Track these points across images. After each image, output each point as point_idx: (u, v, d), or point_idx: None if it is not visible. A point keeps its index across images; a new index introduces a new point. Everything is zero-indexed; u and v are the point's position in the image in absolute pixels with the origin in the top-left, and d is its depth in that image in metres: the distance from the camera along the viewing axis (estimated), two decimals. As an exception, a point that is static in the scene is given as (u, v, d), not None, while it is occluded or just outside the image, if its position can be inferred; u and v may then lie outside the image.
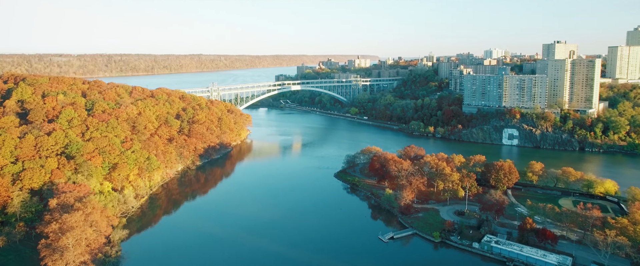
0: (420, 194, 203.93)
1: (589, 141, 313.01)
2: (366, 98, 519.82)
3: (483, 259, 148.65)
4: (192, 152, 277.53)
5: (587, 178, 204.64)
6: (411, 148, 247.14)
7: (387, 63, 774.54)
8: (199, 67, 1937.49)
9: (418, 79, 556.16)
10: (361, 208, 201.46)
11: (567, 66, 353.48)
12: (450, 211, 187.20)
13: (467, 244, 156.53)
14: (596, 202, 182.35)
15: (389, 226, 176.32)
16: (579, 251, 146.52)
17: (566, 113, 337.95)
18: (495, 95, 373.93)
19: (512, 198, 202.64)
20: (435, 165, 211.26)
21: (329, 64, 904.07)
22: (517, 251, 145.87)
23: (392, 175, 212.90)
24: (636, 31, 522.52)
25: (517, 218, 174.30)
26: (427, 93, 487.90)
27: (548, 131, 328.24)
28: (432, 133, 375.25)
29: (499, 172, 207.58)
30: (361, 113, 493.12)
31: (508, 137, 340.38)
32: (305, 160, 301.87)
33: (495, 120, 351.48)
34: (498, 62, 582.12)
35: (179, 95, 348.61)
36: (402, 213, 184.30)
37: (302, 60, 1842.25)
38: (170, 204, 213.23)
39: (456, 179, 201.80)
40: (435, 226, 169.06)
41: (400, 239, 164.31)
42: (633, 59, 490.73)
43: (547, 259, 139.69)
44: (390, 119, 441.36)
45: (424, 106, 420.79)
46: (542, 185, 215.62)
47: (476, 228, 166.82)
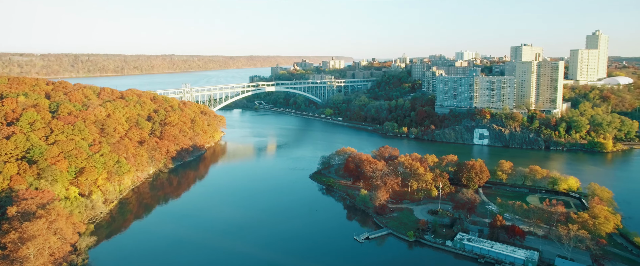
0: (394, 194, 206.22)
1: (554, 140, 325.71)
2: (341, 99, 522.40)
3: (456, 257, 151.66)
4: (164, 154, 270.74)
5: (552, 176, 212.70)
6: (385, 149, 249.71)
7: (361, 64, 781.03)
8: (171, 68, 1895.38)
9: (392, 80, 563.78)
10: (336, 209, 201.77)
11: (534, 68, 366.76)
12: (424, 211, 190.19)
13: (441, 242, 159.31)
14: (560, 198, 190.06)
15: (364, 227, 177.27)
16: (545, 245, 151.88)
17: (533, 114, 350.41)
18: (467, 96, 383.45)
19: (483, 196, 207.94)
20: (409, 165, 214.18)
21: (304, 65, 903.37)
22: (488, 248, 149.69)
23: (367, 175, 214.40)
24: (594, 36, 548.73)
25: (488, 215, 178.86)
26: (401, 94, 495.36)
27: (516, 131, 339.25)
28: (406, 134, 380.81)
29: (470, 171, 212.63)
30: (336, 114, 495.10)
31: (479, 136, 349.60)
32: (280, 161, 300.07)
33: (466, 121, 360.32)
34: (469, 63, 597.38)
35: (151, 97, 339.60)
36: (377, 213, 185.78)
37: (277, 61, 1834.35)
38: (142, 208, 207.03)
39: (430, 179, 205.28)
40: (409, 226, 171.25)
41: (376, 239, 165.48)
42: (592, 62, 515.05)
43: (515, 255, 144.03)
44: (365, 120, 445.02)
45: (397, 107, 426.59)
46: (511, 183, 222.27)
47: (449, 227, 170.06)
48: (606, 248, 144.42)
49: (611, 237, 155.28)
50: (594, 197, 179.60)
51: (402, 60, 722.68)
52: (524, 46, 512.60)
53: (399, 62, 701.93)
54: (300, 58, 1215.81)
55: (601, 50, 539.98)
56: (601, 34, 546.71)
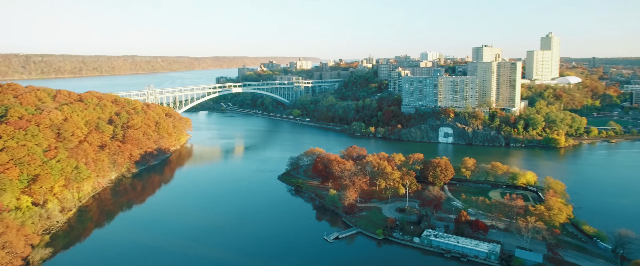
0: (363, 193, 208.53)
1: (513, 137, 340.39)
2: (308, 100, 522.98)
3: (423, 253, 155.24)
4: (127, 158, 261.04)
5: (512, 171, 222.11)
6: (353, 149, 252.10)
7: (329, 65, 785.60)
8: (134, 69, 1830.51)
9: (359, 81, 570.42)
10: (306, 210, 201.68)
11: (494, 68, 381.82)
12: (392, 209, 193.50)
13: (409, 239, 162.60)
14: (519, 192, 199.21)
15: (333, 227, 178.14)
16: (506, 238, 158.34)
17: (494, 112, 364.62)
18: (432, 96, 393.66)
19: (449, 193, 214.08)
20: (377, 165, 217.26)
21: (271, 65, 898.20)
22: (453, 243, 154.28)
23: (335, 175, 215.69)
24: (547, 37, 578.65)
25: (453, 211, 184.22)
26: (368, 95, 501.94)
27: (479, 129, 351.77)
28: (373, 134, 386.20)
29: (436, 168, 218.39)
30: (304, 115, 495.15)
31: (443, 135, 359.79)
32: (249, 163, 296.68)
33: (431, 120, 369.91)
34: (433, 64, 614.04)
35: (112, 99, 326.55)
36: (346, 212, 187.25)
37: (243, 62, 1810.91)
38: (103, 216, 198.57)
39: (397, 177, 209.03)
40: (378, 224, 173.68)
41: (345, 238, 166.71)
42: (546, 62, 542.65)
43: (479, 248, 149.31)
44: (333, 120, 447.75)
45: (365, 107, 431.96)
46: (475, 179, 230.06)
47: (416, 224, 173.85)
48: (560, 237, 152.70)
49: (564, 227, 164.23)
50: (549, 190, 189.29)
51: (369, 60, 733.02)
52: (485, 47, 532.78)
53: (365, 62, 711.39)
54: (267, 59, 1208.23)
55: (554, 51, 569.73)
56: (553, 36, 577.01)
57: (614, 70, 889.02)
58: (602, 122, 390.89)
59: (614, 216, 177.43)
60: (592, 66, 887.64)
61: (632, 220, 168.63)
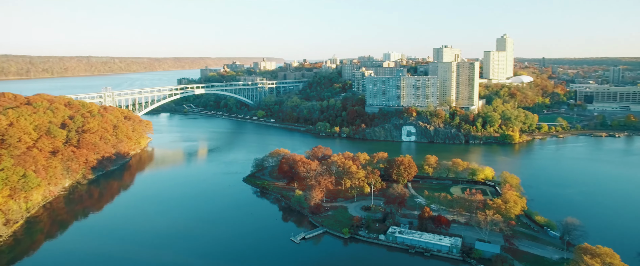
0: (329, 193, 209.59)
1: (472, 134, 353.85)
2: (273, 101, 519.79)
3: (389, 249, 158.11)
4: (82, 164, 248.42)
5: (472, 167, 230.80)
6: (318, 149, 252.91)
7: (293, 65, 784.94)
8: (89, 71, 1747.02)
9: (323, 81, 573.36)
10: (272, 211, 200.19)
11: (454, 68, 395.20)
12: (358, 207, 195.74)
13: (374, 237, 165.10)
14: (479, 187, 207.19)
15: (300, 227, 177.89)
16: (466, 232, 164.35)
17: (454, 111, 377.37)
18: (394, 95, 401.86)
19: (412, 190, 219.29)
20: (342, 164, 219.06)
21: (234, 66, 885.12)
22: (417, 238, 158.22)
23: (301, 176, 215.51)
24: (502, 39, 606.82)
25: (417, 208, 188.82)
26: (332, 95, 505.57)
27: (440, 127, 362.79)
28: (338, 133, 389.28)
29: (399, 166, 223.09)
30: (268, 115, 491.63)
31: (406, 133, 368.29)
32: (213, 165, 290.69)
33: (395, 119, 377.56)
34: (396, 64, 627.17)
35: (65, 102, 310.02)
36: (313, 212, 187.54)
37: (206, 63, 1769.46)
38: (55, 226, 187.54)
39: (362, 176, 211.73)
40: (344, 223, 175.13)
41: (312, 238, 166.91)
42: (502, 63, 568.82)
43: (442, 242, 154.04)
44: (297, 121, 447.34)
45: (329, 107, 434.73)
46: (437, 176, 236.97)
47: (382, 221, 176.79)
48: (515, 228, 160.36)
49: (519, 218, 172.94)
50: (506, 184, 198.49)
51: (333, 61, 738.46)
52: (445, 48, 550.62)
53: (329, 63, 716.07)
54: (230, 59, 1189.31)
55: (508, 52, 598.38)
56: (508, 38, 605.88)
57: (561, 69, 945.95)
58: (551, 118, 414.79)
59: (562, 206, 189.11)
60: (542, 66, 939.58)
61: (576, 209, 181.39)
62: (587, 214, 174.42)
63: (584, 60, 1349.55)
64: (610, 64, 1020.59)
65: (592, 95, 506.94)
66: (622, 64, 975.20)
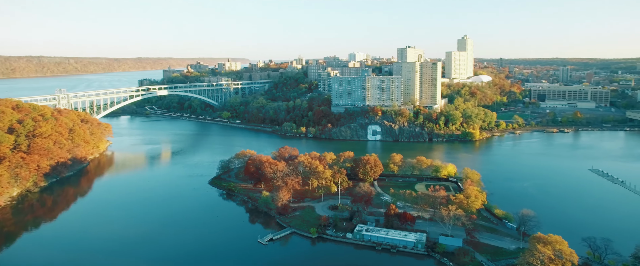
0: (296, 193, 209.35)
1: (435, 132, 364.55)
2: (238, 102, 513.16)
3: (356, 247, 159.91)
4: (33, 171, 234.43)
5: (435, 164, 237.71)
6: (285, 149, 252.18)
7: (258, 66, 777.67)
8: (40, 71, 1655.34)
9: (289, 81, 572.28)
10: (239, 213, 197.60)
11: (417, 68, 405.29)
12: (325, 207, 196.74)
13: (342, 235, 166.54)
14: (442, 184, 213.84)
15: (267, 229, 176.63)
16: (431, 227, 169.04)
17: (417, 109, 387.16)
18: (360, 95, 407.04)
19: (378, 188, 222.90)
20: (308, 164, 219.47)
21: (198, 67, 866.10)
22: (384, 235, 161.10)
23: (267, 177, 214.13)
24: (463, 40, 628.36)
25: (383, 205, 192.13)
26: (298, 95, 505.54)
27: (404, 126, 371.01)
28: (304, 134, 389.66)
29: (366, 165, 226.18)
30: (234, 117, 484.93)
31: (372, 133, 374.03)
32: (177, 168, 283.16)
33: (360, 118, 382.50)
34: (361, 64, 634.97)
35: (12, 105, 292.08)
36: (280, 213, 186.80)
37: (169, 64, 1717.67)
38: (1, 239, 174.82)
39: (329, 176, 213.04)
40: (311, 223, 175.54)
41: (280, 239, 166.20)
42: (462, 63, 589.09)
43: (407, 239, 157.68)
44: (263, 122, 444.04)
45: (295, 107, 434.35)
46: (402, 174, 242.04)
47: (349, 220, 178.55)
48: (476, 222, 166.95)
49: (479, 212, 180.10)
50: (467, 179, 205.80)
51: (299, 61, 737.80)
52: (409, 48, 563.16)
53: (295, 63, 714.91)
54: (194, 60, 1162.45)
55: (468, 52, 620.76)
56: (468, 38, 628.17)
57: (517, 69, 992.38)
58: (509, 115, 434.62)
59: (518, 199, 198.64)
60: (499, 66, 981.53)
61: (531, 201, 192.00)
62: (540, 205, 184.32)
63: (537, 61, 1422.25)
64: (560, 64, 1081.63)
65: (545, 94, 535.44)
66: (570, 64, 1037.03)
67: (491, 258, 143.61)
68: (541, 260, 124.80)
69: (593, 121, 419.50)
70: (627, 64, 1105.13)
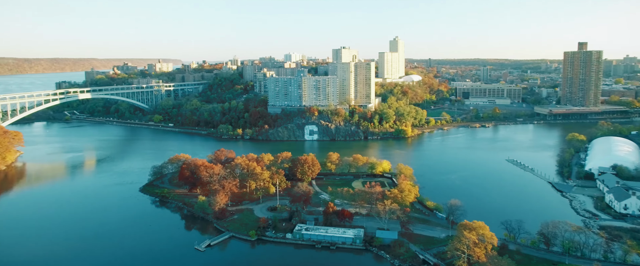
0: (234, 196, 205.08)
1: (370, 130, 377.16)
2: (171, 104, 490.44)
3: (296, 247, 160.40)
4: None
5: (371, 162, 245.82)
6: (221, 152, 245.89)
7: (191, 67, 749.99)
8: None
9: (224, 83, 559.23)
10: (174, 221, 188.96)
11: (352, 68, 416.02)
12: (264, 209, 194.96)
13: (282, 236, 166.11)
14: (378, 180, 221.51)
15: (204, 234, 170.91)
16: (368, 222, 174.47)
17: (353, 109, 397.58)
18: (296, 96, 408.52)
19: (317, 187, 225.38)
20: (246, 166, 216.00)
21: (126, 68, 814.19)
22: (323, 233, 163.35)
23: (203, 181, 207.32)
24: (394, 41, 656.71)
25: (321, 204, 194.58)
26: (234, 96, 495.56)
27: (340, 125, 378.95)
28: (241, 135, 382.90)
29: (303, 165, 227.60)
30: (166, 120, 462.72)
31: (309, 132, 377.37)
32: (103, 177, 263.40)
33: (297, 119, 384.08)
34: (297, 65, 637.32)
35: None
36: (217, 218, 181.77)
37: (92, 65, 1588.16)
38: None
39: (267, 177, 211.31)
40: (250, 226, 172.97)
41: (218, 244, 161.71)
42: (395, 63, 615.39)
43: (346, 235, 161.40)
44: (198, 124, 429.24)
45: (231, 109, 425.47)
46: (339, 172, 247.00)
47: (288, 220, 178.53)
48: (410, 214, 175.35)
49: (413, 205, 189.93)
50: (401, 174, 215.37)
51: (234, 62, 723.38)
52: (343, 49, 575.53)
53: (230, 64, 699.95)
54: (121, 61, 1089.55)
55: (400, 53, 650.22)
56: (399, 40, 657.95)
57: (444, 69, 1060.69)
58: (437, 113, 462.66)
59: (447, 190, 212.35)
60: (428, 66, 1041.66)
61: (458, 191, 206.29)
62: (466, 195, 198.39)
63: (462, 61, 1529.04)
64: (481, 64, 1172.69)
65: (469, 92, 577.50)
66: (489, 65, 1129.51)
67: (424, 248, 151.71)
68: (467, 245, 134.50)
69: (509, 116, 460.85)
70: (534, 64, 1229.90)
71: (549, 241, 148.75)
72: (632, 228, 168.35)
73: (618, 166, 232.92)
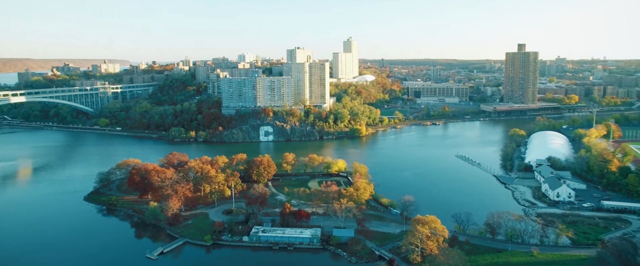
0: (188, 201, 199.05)
1: (326, 130, 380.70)
2: (118, 107, 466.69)
3: (253, 249, 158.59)
4: None
5: (327, 161, 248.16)
6: (174, 156, 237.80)
7: (141, 68, 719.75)
8: None
9: (175, 84, 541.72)
10: (123, 229, 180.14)
11: (306, 69, 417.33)
12: (219, 212, 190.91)
13: (238, 239, 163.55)
14: (334, 179, 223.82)
15: (157, 242, 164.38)
16: (325, 221, 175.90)
17: (308, 109, 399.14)
18: (251, 97, 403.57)
19: (273, 188, 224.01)
20: (200, 169, 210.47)
21: (67, 69, 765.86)
22: (280, 234, 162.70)
23: (155, 186, 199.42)
24: (348, 41, 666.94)
25: (278, 205, 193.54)
26: (186, 98, 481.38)
27: (296, 125, 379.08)
28: (195, 138, 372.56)
29: (259, 167, 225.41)
30: (113, 124, 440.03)
31: (264, 133, 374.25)
32: (42, 187, 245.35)
33: (252, 120, 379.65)
34: (251, 65, 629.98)
35: None
36: (170, 224, 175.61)
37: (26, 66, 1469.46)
38: None
39: (222, 180, 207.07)
40: (206, 230, 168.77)
41: (171, 252, 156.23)
42: (348, 63, 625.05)
43: (303, 235, 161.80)
44: (149, 127, 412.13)
45: (183, 111, 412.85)
46: (295, 172, 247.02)
47: (244, 223, 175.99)
48: (366, 212, 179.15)
49: (368, 202, 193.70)
50: (356, 173, 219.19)
51: (185, 63, 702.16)
52: (298, 49, 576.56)
53: (181, 65, 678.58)
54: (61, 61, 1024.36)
55: (354, 53, 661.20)
56: (353, 40, 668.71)
57: (397, 69, 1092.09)
58: (391, 112, 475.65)
59: (401, 187, 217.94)
60: (381, 66, 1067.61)
61: (411, 187, 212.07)
62: (419, 190, 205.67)
63: (413, 61, 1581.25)
64: (431, 64, 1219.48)
65: (420, 91, 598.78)
66: (439, 65, 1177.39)
67: (380, 244, 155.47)
68: (420, 239, 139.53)
69: (457, 114, 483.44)
70: (480, 64, 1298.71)
71: (494, 230, 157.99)
72: (563, 213, 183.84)
73: (552, 158, 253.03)
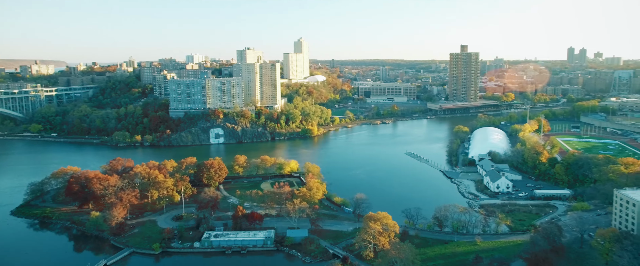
0: (134, 208, 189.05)
1: (277, 131, 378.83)
2: (53, 112, 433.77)
3: (205, 255, 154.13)
4: None
5: (279, 162, 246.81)
6: (118, 161, 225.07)
7: (79, 69, 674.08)
8: None
9: (119, 86, 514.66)
10: (60, 243, 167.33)
11: (257, 69, 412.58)
12: (169, 218, 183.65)
13: (189, 246, 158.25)
14: (286, 180, 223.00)
15: (99, 254, 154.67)
16: (278, 223, 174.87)
17: (259, 110, 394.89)
18: (200, 98, 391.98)
19: (224, 191, 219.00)
20: (147, 175, 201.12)
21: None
22: (233, 238, 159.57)
23: (97, 194, 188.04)
24: (299, 42, 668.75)
25: (230, 209, 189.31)
26: (131, 101, 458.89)
27: (247, 127, 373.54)
28: (140, 142, 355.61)
29: (210, 170, 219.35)
30: (48, 129, 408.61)
31: (215, 136, 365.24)
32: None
33: (202, 122, 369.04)
34: (200, 66, 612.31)
35: None
36: (115, 234, 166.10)
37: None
38: None
39: (170, 185, 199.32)
40: (154, 238, 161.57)
41: (116, 263, 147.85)
42: (299, 64, 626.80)
43: (256, 237, 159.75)
44: (89, 132, 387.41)
45: (128, 114, 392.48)
46: (247, 174, 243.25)
47: (196, 228, 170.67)
48: (319, 211, 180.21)
49: (321, 202, 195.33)
50: (309, 173, 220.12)
51: (129, 64, 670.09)
52: (248, 50, 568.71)
53: (125, 66, 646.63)
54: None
55: (304, 54, 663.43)
56: (304, 41, 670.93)
57: (347, 69, 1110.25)
58: (341, 111, 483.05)
59: (353, 185, 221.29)
60: (332, 66, 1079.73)
61: (363, 185, 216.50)
62: (370, 188, 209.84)
63: (363, 61, 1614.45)
64: (380, 64, 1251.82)
65: (370, 91, 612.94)
66: (388, 65, 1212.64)
67: (333, 242, 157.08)
68: (373, 235, 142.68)
69: (406, 112, 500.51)
70: (426, 64, 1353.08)
71: (441, 223, 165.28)
72: (503, 203, 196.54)
73: (492, 152, 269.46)
